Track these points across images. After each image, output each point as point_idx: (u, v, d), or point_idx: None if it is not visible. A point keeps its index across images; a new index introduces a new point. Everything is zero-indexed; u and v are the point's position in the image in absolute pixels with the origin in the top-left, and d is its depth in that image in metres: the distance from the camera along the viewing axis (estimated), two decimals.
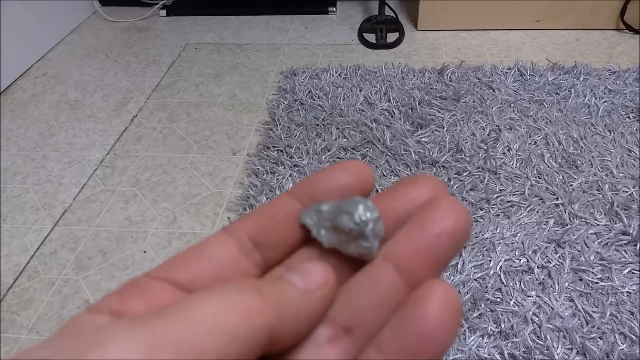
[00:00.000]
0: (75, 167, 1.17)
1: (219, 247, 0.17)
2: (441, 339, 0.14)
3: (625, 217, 0.94)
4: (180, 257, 0.17)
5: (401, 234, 0.16)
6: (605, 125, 1.17)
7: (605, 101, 1.24)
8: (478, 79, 1.35)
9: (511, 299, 0.82)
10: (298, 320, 0.15)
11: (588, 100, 1.25)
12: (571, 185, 1.02)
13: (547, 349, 0.76)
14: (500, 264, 0.87)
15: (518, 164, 1.07)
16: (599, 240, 0.91)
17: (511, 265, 0.87)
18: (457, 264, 0.88)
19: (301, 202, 0.18)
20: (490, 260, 0.88)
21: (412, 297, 0.15)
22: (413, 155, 1.10)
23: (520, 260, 0.88)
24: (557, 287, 0.83)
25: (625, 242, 0.90)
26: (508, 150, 1.11)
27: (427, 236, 0.16)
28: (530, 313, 0.80)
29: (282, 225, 0.18)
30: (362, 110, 1.25)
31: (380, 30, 1.61)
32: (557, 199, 0.99)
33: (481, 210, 0.98)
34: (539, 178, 1.04)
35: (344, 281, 0.17)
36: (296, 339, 0.15)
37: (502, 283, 0.85)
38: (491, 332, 0.78)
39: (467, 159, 1.09)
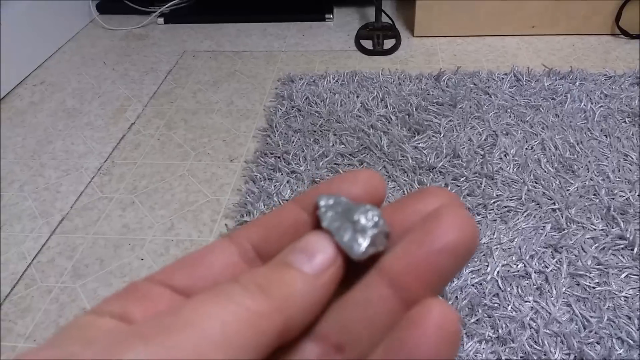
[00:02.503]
0: (72, 174, 1.17)
1: (221, 254, 0.17)
2: None
3: (622, 221, 0.94)
4: (180, 262, 0.17)
5: (399, 248, 0.15)
6: (601, 130, 1.17)
7: (601, 106, 1.25)
8: (474, 84, 1.35)
9: (509, 304, 0.82)
10: (306, 312, 0.15)
11: (584, 105, 1.25)
12: (568, 190, 1.02)
13: (545, 354, 0.76)
14: (497, 269, 0.87)
15: (515, 169, 1.08)
16: (596, 244, 0.91)
17: (508, 271, 0.87)
18: None
19: (308, 211, 0.18)
20: (487, 266, 0.88)
21: (405, 320, 0.14)
22: (410, 161, 1.10)
23: (517, 265, 0.88)
24: (554, 292, 0.83)
25: (622, 246, 0.90)
26: (505, 155, 1.11)
27: (426, 251, 0.15)
28: (528, 318, 0.80)
29: (287, 235, 0.17)
30: (360, 117, 1.26)
31: (377, 36, 1.62)
32: (554, 203, 0.99)
33: (478, 215, 0.98)
34: (536, 183, 1.04)
35: (337, 294, 0.16)
36: (305, 326, 0.15)
37: (500, 288, 0.85)
38: (489, 337, 0.78)
39: (464, 165, 1.09)
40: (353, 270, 0.16)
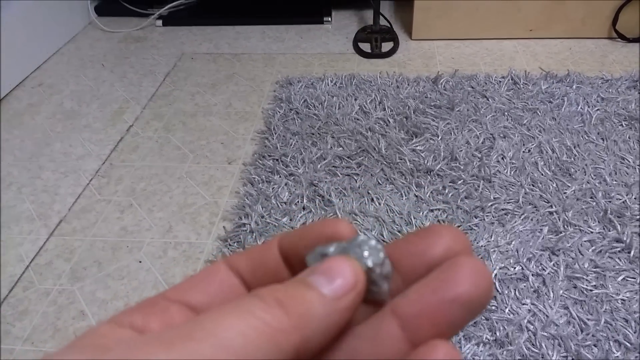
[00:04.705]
0: (70, 177, 1.17)
1: (226, 274, 0.18)
2: None
3: (619, 224, 0.94)
4: (192, 280, 0.17)
5: (413, 292, 0.16)
6: (598, 133, 1.18)
7: (598, 109, 1.25)
8: (472, 87, 1.36)
9: (506, 307, 0.82)
10: (324, 333, 0.15)
11: (581, 108, 1.26)
12: (565, 192, 1.02)
13: (542, 357, 0.76)
14: (495, 271, 0.88)
15: (512, 172, 1.08)
16: (593, 247, 0.91)
17: (506, 273, 0.88)
18: None
19: (285, 253, 0.18)
20: None
21: (413, 357, 0.15)
22: (408, 163, 1.11)
23: (514, 268, 0.89)
24: (551, 295, 0.84)
25: (619, 249, 0.91)
26: (502, 158, 1.12)
27: (440, 300, 0.15)
28: (525, 321, 0.80)
29: (268, 275, 0.18)
30: (357, 119, 1.26)
31: (375, 39, 1.62)
32: (551, 206, 0.99)
33: (476, 218, 0.98)
34: (533, 186, 1.04)
35: (352, 323, 0.17)
36: (321, 348, 0.15)
37: (497, 291, 0.85)
38: (486, 340, 0.78)
39: (462, 167, 1.09)
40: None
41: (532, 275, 0.87)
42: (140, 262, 0.96)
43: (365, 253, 0.16)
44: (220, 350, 0.13)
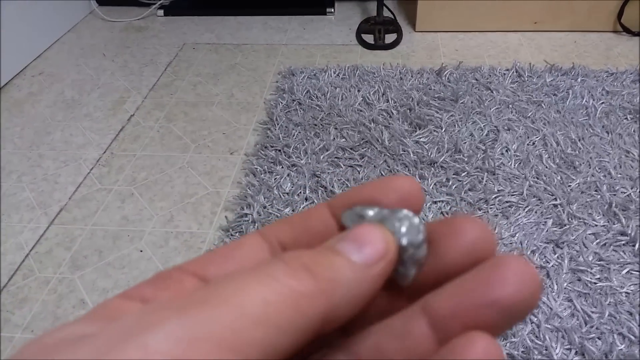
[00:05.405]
0: (71, 165, 1.16)
1: (253, 249, 0.17)
2: None
3: (624, 217, 0.94)
4: (212, 254, 0.16)
5: (449, 289, 0.14)
6: (603, 127, 1.17)
7: (603, 102, 1.24)
8: (476, 79, 1.35)
9: None
10: (353, 301, 0.14)
11: (586, 101, 1.25)
12: (569, 185, 1.02)
13: (546, 349, 0.75)
14: None
15: (516, 165, 1.07)
16: (597, 240, 0.90)
17: None
18: None
19: (337, 217, 0.17)
20: None
21: (448, 349, 0.13)
22: (411, 155, 1.10)
23: None
24: (555, 288, 0.83)
25: (623, 242, 0.90)
26: (506, 150, 1.11)
27: (475, 302, 0.14)
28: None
29: (315, 240, 0.17)
30: (361, 111, 1.25)
31: (378, 31, 1.61)
32: (556, 199, 0.99)
33: (480, 210, 0.98)
34: (537, 178, 1.04)
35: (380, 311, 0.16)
36: (349, 319, 0.14)
37: None
38: None
39: (466, 160, 1.08)
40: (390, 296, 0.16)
41: (536, 267, 0.86)
42: (141, 251, 0.95)
43: (403, 229, 0.15)
44: (239, 317, 0.12)
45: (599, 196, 0.99)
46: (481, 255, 0.15)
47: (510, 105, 1.24)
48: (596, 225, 0.93)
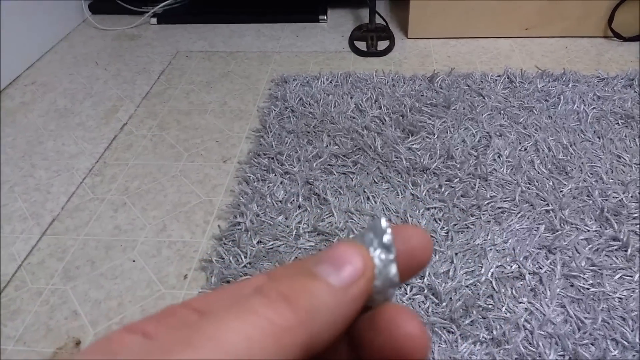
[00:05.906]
0: (64, 175, 1.16)
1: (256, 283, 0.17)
2: None
3: (616, 222, 0.94)
4: (220, 291, 0.16)
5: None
6: (594, 132, 1.18)
7: (594, 108, 1.25)
8: (468, 86, 1.35)
9: (503, 306, 0.82)
10: (333, 326, 0.14)
11: (577, 106, 1.26)
12: (561, 191, 1.02)
13: (540, 356, 0.75)
14: (491, 270, 0.87)
15: (508, 171, 1.07)
16: (590, 246, 0.91)
17: (502, 272, 0.87)
18: (448, 270, 0.87)
19: None
20: (481, 267, 0.88)
21: None
22: (404, 162, 1.10)
23: (511, 266, 0.88)
24: (548, 293, 0.83)
25: (615, 247, 0.91)
26: (498, 156, 1.11)
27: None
28: (522, 319, 0.80)
29: None
30: (353, 118, 1.25)
31: (370, 38, 1.62)
32: (548, 205, 0.99)
33: (472, 216, 0.98)
34: (530, 184, 1.04)
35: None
36: (330, 342, 0.14)
37: (494, 289, 0.84)
38: (483, 339, 0.78)
39: (458, 166, 1.09)
40: None
41: (529, 273, 0.87)
42: (133, 261, 0.95)
43: (376, 241, 0.15)
44: (224, 356, 0.12)
45: (591, 201, 0.99)
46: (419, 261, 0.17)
47: (502, 111, 1.25)
48: (588, 231, 0.94)
